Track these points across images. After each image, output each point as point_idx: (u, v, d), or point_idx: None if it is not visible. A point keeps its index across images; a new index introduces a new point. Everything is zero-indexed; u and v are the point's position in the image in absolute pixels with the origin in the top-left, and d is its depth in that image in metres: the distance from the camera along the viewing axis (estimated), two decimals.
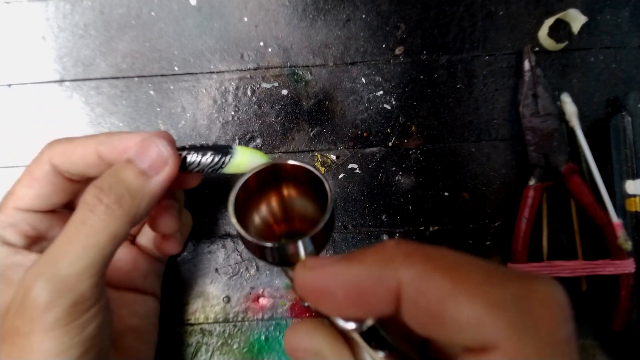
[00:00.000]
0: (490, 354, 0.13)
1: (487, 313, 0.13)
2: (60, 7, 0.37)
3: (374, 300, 0.15)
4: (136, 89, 0.37)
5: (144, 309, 0.32)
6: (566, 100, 0.36)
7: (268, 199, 0.22)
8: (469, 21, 0.37)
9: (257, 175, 0.21)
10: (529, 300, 0.13)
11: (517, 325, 0.13)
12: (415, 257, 0.15)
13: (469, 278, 0.14)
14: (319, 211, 0.20)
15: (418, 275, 0.14)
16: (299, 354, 0.18)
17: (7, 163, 0.37)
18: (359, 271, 0.16)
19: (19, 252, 0.26)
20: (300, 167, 0.20)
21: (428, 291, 0.14)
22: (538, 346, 0.13)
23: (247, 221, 0.21)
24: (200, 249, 0.37)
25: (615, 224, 0.34)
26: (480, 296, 0.13)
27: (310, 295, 0.17)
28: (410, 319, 0.15)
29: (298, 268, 0.17)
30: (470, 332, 0.13)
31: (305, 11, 0.37)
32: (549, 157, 0.36)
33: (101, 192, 0.23)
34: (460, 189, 0.37)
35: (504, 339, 0.13)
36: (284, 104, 0.38)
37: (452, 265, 0.14)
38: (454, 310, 0.13)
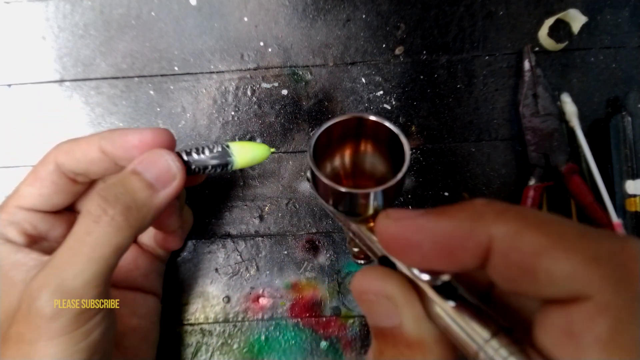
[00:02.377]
0: (581, 304, 0.13)
1: (583, 266, 0.13)
2: (60, 7, 0.37)
3: (461, 254, 0.15)
4: (136, 89, 0.37)
5: (145, 308, 0.32)
6: (566, 100, 0.36)
7: (344, 150, 0.22)
8: (469, 21, 0.37)
9: (340, 124, 0.20)
10: (623, 255, 0.14)
11: (612, 278, 0.13)
12: (508, 214, 0.15)
13: (563, 234, 0.14)
14: (388, 173, 0.20)
15: (511, 231, 0.14)
16: (369, 296, 0.18)
17: (7, 163, 0.37)
18: (449, 225, 0.16)
19: (20, 250, 0.26)
20: (381, 124, 0.20)
21: (522, 246, 0.14)
22: (631, 299, 0.13)
23: (320, 167, 0.21)
24: (200, 249, 0.37)
25: (615, 224, 0.34)
26: (575, 251, 0.14)
27: (394, 245, 0.17)
28: (498, 273, 0.15)
29: (381, 217, 0.18)
30: (563, 285, 0.14)
31: (305, 11, 0.37)
32: (549, 157, 0.36)
33: (106, 202, 0.23)
34: (460, 189, 0.37)
35: (598, 290, 0.13)
36: (284, 104, 0.38)
37: (546, 222, 0.15)
38: (549, 264, 0.14)
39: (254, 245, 0.37)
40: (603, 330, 0.13)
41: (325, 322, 0.36)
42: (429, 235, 0.16)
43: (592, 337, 0.13)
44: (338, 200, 0.19)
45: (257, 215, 0.37)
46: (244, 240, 0.37)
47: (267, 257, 0.37)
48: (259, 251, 0.37)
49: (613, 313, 0.13)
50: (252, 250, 0.37)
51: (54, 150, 0.27)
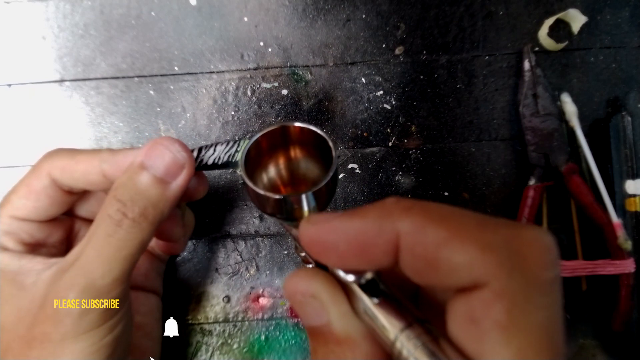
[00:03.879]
0: (479, 291, 0.14)
1: (478, 254, 0.14)
2: (60, 7, 0.37)
3: (374, 251, 0.16)
4: (136, 89, 0.37)
5: (146, 306, 0.32)
6: (566, 100, 0.36)
7: (276, 160, 0.23)
8: (469, 21, 0.37)
9: (267, 136, 0.21)
10: (518, 243, 0.14)
11: (505, 264, 0.14)
12: (414, 210, 0.16)
13: (462, 225, 0.15)
14: (324, 175, 0.21)
15: (415, 226, 0.15)
16: (297, 297, 0.18)
17: (7, 163, 0.37)
18: (361, 224, 0.16)
19: (22, 256, 0.26)
20: (306, 129, 0.21)
21: (424, 240, 0.15)
22: (525, 284, 0.14)
23: (256, 179, 0.22)
24: (200, 249, 0.37)
25: (615, 224, 0.34)
26: (472, 240, 0.14)
27: (314, 248, 0.18)
28: (407, 267, 0.16)
29: (303, 223, 0.18)
30: (462, 274, 0.14)
31: (305, 11, 0.37)
32: (549, 157, 0.36)
33: (124, 206, 0.23)
34: (460, 189, 0.37)
35: (494, 277, 0.14)
36: (284, 104, 0.38)
37: (447, 215, 0.15)
38: (448, 254, 0.14)
39: (254, 245, 0.37)
40: (500, 315, 0.14)
41: None
42: (342, 235, 0.17)
43: (490, 322, 0.14)
44: (273, 207, 0.20)
45: (257, 215, 0.37)
46: (244, 240, 0.37)
47: (267, 257, 0.37)
48: (259, 251, 0.37)
49: (509, 298, 0.14)
50: (252, 250, 0.37)
51: (48, 164, 0.26)
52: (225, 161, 0.27)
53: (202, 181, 0.29)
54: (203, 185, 0.29)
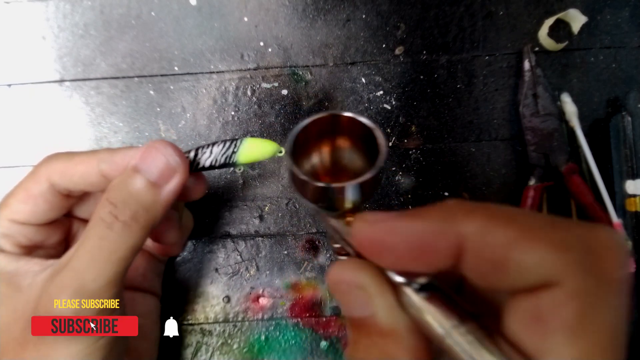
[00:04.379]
0: (550, 290, 0.13)
1: (552, 253, 0.13)
2: (60, 7, 0.37)
3: (435, 254, 0.16)
4: (136, 89, 0.37)
5: (144, 307, 0.32)
6: (566, 100, 0.36)
7: (321, 148, 0.23)
8: (469, 21, 0.37)
9: (315, 123, 0.21)
10: (591, 242, 0.14)
11: (580, 263, 0.13)
12: (478, 212, 0.15)
13: (531, 225, 0.14)
14: (367, 168, 0.20)
15: (481, 228, 0.15)
16: (343, 286, 0.18)
17: (7, 163, 0.37)
18: (422, 226, 0.16)
19: (20, 258, 0.26)
20: (356, 120, 0.20)
21: (492, 241, 0.14)
22: (598, 284, 0.13)
23: (299, 164, 0.22)
24: (200, 249, 0.37)
25: (615, 224, 0.34)
26: (544, 239, 0.14)
27: (369, 248, 0.17)
28: (471, 271, 0.15)
29: (357, 220, 0.18)
30: (533, 273, 0.14)
31: (305, 11, 0.37)
32: (549, 157, 0.36)
33: (116, 209, 0.23)
34: (460, 189, 0.37)
35: (568, 275, 0.13)
36: (284, 104, 0.38)
37: (514, 216, 0.15)
38: (519, 254, 0.14)
39: (254, 245, 0.37)
40: (570, 315, 0.13)
41: (325, 322, 0.36)
42: (402, 237, 0.16)
43: (559, 322, 0.13)
44: (315, 195, 0.20)
45: (257, 215, 0.37)
46: (244, 240, 0.37)
47: (267, 257, 0.37)
48: (259, 251, 0.37)
49: (581, 299, 0.13)
50: (252, 250, 0.37)
51: (46, 168, 0.26)
52: (223, 162, 0.27)
53: (200, 181, 0.28)
54: (201, 186, 0.28)
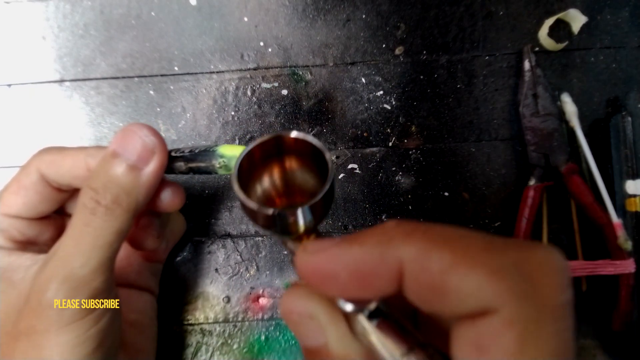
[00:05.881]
0: (489, 317, 0.13)
1: (487, 280, 0.13)
2: (60, 7, 0.37)
3: (376, 280, 0.16)
4: (136, 89, 0.37)
5: (140, 303, 0.32)
6: (566, 100, 0.36)
7: (271, 170, 0.23)
8: (469, 21, 0.37)
9: (260, 146, 0.21)
10: (528, 266, 0.14)
11: (516, 289, 0.13)
12: (415, 235, 0.15)
13: (468, 249, 0.14)
14: (320, 186, 0.20)
15: (419, 252, 0.15)
16: (294, 317, 0.18)
17: (7, 163, 0.37)
18: (361, 253, 0.16)
19: (12, 253, 0.26)
20: (302, 140, 0.20)
21: (429, 266, 0.14)
22: (537, 310, 0.13)
23: (250, 191, 0.22)
24: (200, 249, 0.37)
25: (615, 224, 0.34)
26: (480, 265, 0.14)
27: (313, 279, 0.17)
28: (412, 295, 0.15)
29: (299, 252, 0.18)
30: (471, 300, 0.14)
31: (305, 11, 0.37)
32: (549, 157, 0.36)
33: (97, 193, 0.23)
34: (460, 189, 0.37)
35: (504, 303, 0.13)
36: (284, 104, 0.38)
37: (451, 239, 0.15)
38: (455, 281, 0.14)
39: (254, 245, 0.37)
40: (510, 343, 0.13)
41: None
42: (342, 265, 0.16)
43: (499, 351, 0.13)
44: (267, 222, 0.19)
45: None
46: (244, 240, 0.37)
47: (267, 257, 0.37)
48: (259, 251, 0.37)
49: (519, 326, 0.13)
50: (252, 250, 0.37)
51: (37, 160, 0.26)
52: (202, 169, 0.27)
53: (176, 192, 0.28)
54: (178, 196, 0.28)
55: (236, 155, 0.26)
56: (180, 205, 0.28)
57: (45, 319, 0.22)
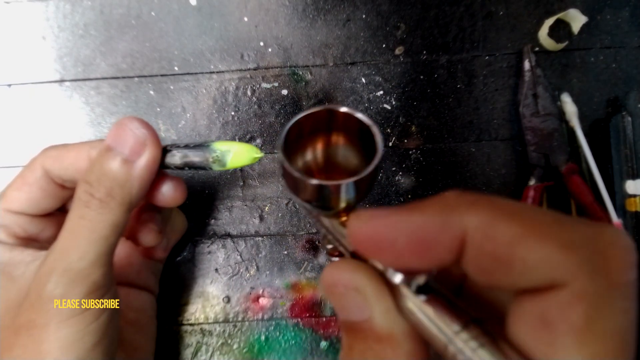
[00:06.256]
0: (556, 292, 0.13)
1: (558, 253, 0.13)
2: (60, 7, 0.37)
3: (436, 249, 0.15)
4: (136, 89, 0.37)
5: (139, 302, 0.32)
6: (566, 100, 0.36)
7: (315, 143, 0.22)
8: (469, 21, 0.37)
9: (309, 117, 0.20)
10: (599, 242, 0.13)
11: (588, 264, 0.13)
12: (480, 204, 0.15)
13: (537, 222, 0.14)
14: (362, 166, 0.19)
15: (485, 222, 0.14)
16: (338, 289, 0.17)
17: (7, 163, 0.37)
18: (422, 220, 0.15)
19: (14, 249, 0.26)
20: (352, 116, 0.20)
21: (496, 236, 0.14)
22: (607, 285, 0.13)
23: (291, 161, 0.21)
24: (200, 249, 0.37)
25: (615, 224, 0.34)
26: (551, 237, 0.13)
27: (368, 246, 0.17)
28: (473, 266, 0.15)
29: (352, 218, 0.17)
30: (539, 273, 0.13)
31: (305, 11, 0.37)
32: (549, 157, 0.36)
33: (91, 186, 0.24)
34: (460, 189, 0.37)
35: (574, 277, 0.13)
36: (284, 104, 0.38)
37: (519, 211, 0.14)
38: (524, 252, 0.13)
39: (254, 245, 0.37)
40: (578, 318, 0.13)
41: (325, 322, 0.36)
42: (402, 231, 0.15)
43: (566, 326, 0.13)
44: (309, 193, 0.19)
45: (257, 215, 0.37)
46: (244, 240, 0.37)
47: (267, 257, 0.37)
48: (259, 251, 0.37)
49: (589, 301, 0.13)
50: (252, 250, 0.37)
51: (41, 156, 0.27)
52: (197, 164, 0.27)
53: (178, 186, 0.28)
54: (180, 190, 0.28)
55: (229, 151, 0.26)
56: (182, 199, 0.28)
57: (45, 313, 0.22)
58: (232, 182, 0.37)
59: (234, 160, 0.27)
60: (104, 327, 0.24)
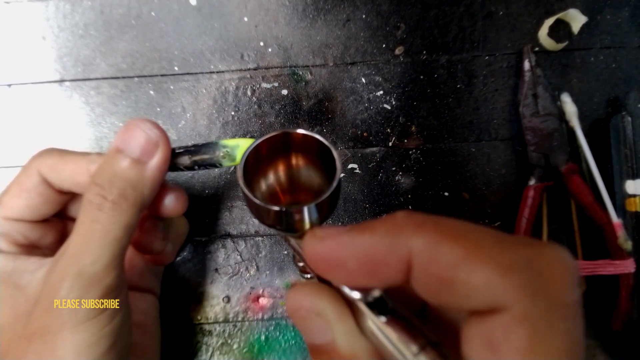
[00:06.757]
0: (499, 315, 0.13)
1: (498, 276, 0.13)
2: (60, 7, 0.37)
3: (384, 269, 0.15)
4: (136, 89, 0.37)
5: (144, 305, 0.32)
6: (566, 100, 0.36)
7: (276, 167, 0.23)
8: (469, 21, 0.37)
9: (267, 142, 0.20)
10: (539, 263, 0.14)
11: (527, 287, 0.13)
12: (426, 226, 0.15)
13: (479, 244, 0.14)
14: (325, 184, 0.20)
15: (429, 244, 0.14)
16: (301, 313, 0.18)
17: (7, 163, 0.37)
18: (371, 241, 0.16)
19: (17, 257, 0.26)
20: (310, 137, 0.20)
21: (439, 258, 0.14)
22: (547, 308, 0.13)
23: (254, 186, 0.21)
24: (200, 249, 0.37)
25: (615, 224, 0.34)
26: (491, 260, 0.13)
27: (320, 265, 0.17)
28: (420, 287, 0.15)
29: (307, 237, 0.17)
30: (480, 296, 0.13)
31: (305, 11, 0.37)
32: (549, 157, 0.36)
33: (103, 189, 0.23)
34: (460, 189, 0.37)
35: (514, 300, 0.13)
36: (284, 104, 0.38)
37: (463, 233, 0.14)
38: (465, 275, 0.14)
39: (254, 245, 0.37)
40: (521, 341, 0.13)
41: None
42: (351, 252, 0.16)
43: (510, 348, 0.13)
44: (272, 219, 0.19)
45: None
46: (244, 240, 0.37)
47: (267, 257, 0.37)
48: (259, 251, 0.37)
49: (529, 323, 0.13)
50: (252, 250, 0.37)
51: (38, 161, 0.26)
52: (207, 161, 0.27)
53: (179, 197, 0.28)
54: (181, 201, 0.28)
55: (239, 145, 0.27)
56: (184, 209, 0.28)
57: (59, 319, 0.22)
58: (232, 182, 0.37)
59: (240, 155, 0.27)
60: (118, 329, 0.24)
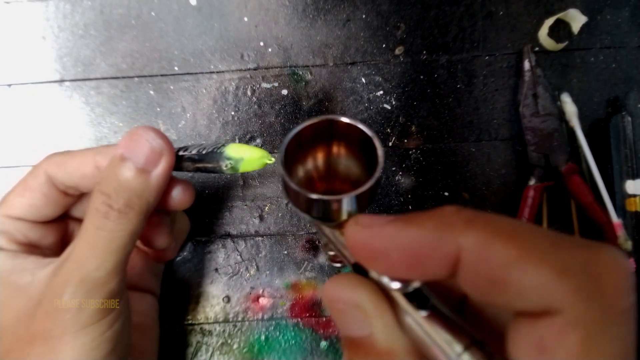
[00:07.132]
0: (552, 318, 0.13)
1: (553, 278, 0.13)
2: (60, 7, 0.37)
3: (430, 264, 0.15)
4: (136, 89, 0.37)
5: (142, 305, 0.32)
6: (566, 100, 0.36)
7: (316, 153, 0.22)
8: (469, 21, 0.37)
9: (310, 128, 0.20)
10: (596, 267, 0.13)
11: (583, 291, 0.13)
12: (477, 223, 0.15)
13: (533, 244, 0.14)
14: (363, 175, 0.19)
15: (480, 242, 0.14)
16: (339, 305, 0.17)
17: (7, 163, 0.37)
18: (418, 234, 0.15)
19: (17, 256, 0.26)
20: (353, 126, 0.20)
21: (490, 257, 0.14)
22: (602, 313, 0.13)
23: (292, 171, 0.21)
24: (200, 249, 0.37)
25: (615, 224, 0.34)
26: (546, 262, 0.13)
27: (362, 253, 0.17)
28: (467, 284, 0.15)
29: (350, 224, 0.17)
30: (533, 297, 0.13)
31: (305, 11, 0.37)
32: (549, 157, 0.36)
33: (109, 198, 0.24)
34: (460, 189, 0.37)
35: (569, 304, 0.13)
36: (284, 104, 0.38)
37: (515, 232, 0.14)
38: (519, 276, 0.13)
39: (254, 245, 0.37)
40: (574, 345, 0.13)
41: (325, 322, 0.36)
42: (396, 244, 0.16)
43: (563, 352, 0.13)
44: (310, 206, 0.19)
45: (257, 215, 0.37)
46: (244, 240, 0.37)
47: (267, 257, 0.37)
48: (259, 251, 0.37)
49: (584, 328, 0.13)
50: (252, 250, 0.37)
51: (45, 162, 0.27)
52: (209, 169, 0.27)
53: (187, 190, 0.28)
54: (189, 194, 0.28)
55: (242, 159, 0.27)
56: (191, 202, 0.29)
57: (62, 323, 0.22)
58: (232, 182, 0.37)
59: (246, 166, 0.27)
60: (118, 333, 0.24)
